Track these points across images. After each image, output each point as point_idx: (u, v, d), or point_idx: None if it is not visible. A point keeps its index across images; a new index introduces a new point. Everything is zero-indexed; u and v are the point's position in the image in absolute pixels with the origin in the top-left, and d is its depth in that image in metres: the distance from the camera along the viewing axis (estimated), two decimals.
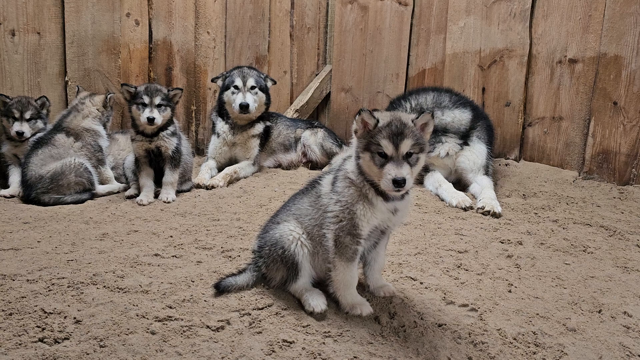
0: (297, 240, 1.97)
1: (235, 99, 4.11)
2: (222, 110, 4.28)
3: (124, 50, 4.27)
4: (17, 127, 3.62)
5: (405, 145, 1.76)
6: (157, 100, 3.36)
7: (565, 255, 2.62)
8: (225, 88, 4.20)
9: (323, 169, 4.32)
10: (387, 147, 1.75)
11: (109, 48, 4.19)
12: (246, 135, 4.25)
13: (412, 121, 1.80)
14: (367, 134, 1.80)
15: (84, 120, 3.62)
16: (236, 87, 4.13)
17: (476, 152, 3.81)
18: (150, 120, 3.33)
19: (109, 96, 3.71)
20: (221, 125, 4.27)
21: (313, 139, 4.54)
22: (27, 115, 3.65)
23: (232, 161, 4.26)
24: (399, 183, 1.72)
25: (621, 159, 3.80)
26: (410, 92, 4.13)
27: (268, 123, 4.42)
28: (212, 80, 4.38)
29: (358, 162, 1.84)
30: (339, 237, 1.87)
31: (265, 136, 4.40)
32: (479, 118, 3.92)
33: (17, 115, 3.63)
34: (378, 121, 1.79)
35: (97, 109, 3.69)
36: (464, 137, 3.85)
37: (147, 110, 3.34)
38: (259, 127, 4.32)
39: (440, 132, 3.84)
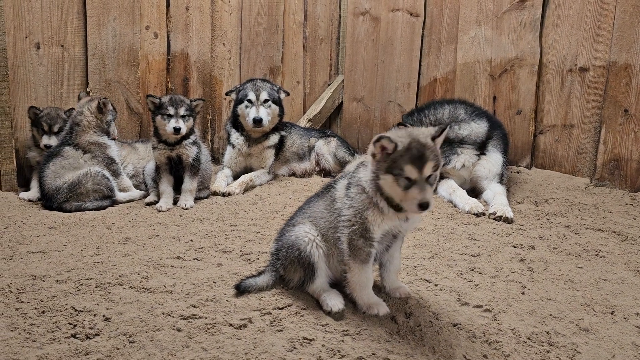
0: (313, 242, 2.03)
1: (248, 113, 4.20)
2: (236, 122, 4.37)
3: (143, 61, 4.40)
4: (45, 140, 3.75)
5: (428, 168, 1.78)
6: (182, 111, 3.48)
7: (577, 259, 2.66)
8: (239, 102, 4.30)
9: (337, 176, 4.39)
10: (412, 171, 1.77)
11: (128, 60, 4.32)
12: (261, 147, 4.34)
13: (432, 140, 1.81)
14: (387, 157, 1.81)
15: (86, 135, 3.63)
16: (249, 101, 4.22)
17: (492, 161, 3.85)
18: (177, 130, 3.44)
19: (101, 101, 3.67)
20: (236, 137, 4.36)
21: (326, 148, 4.62)
22: (56, 128, 3.77)
23: (248, 170, 4.35)
24: (424, 206, 1.76)
25: (633, 165, 3.83)
26: (427, 106, 4.12)
27: (282, 133, 4.50)
28: (226, 94, 4.49)
29: (377, 182, 1.86)
30: (352, 239, 1.93)
31: (279, 146, 4.48)
32: (494, 128, 3.96)
33: (45, 128, 3.75)
34: (397, 145, 1.79)
35: (95, 116, 3.66)
36: (481, 148, 3.89)
37: (172, 120, 3.45)
38: (274, 138, 4.40)
39: (456, 144, 3.88)
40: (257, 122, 4.16)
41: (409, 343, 1.81)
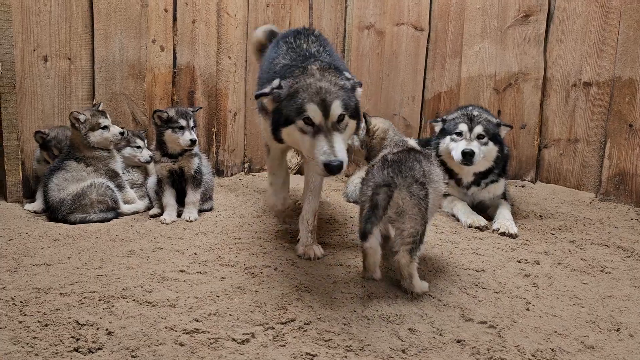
0: None
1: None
2: None
3: (149, 74, 4.43)
4: None
5: None
6: (191, 122, 3.54)
7: (582, 275, 2.64)
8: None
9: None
10: None
11: (135, 73, 4.36)
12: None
13: None
14: None
15: (80, 151, 3.62)
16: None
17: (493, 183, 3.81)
18: (193, 142, 3.47)
19: (71, 117, 3.57)
20: None
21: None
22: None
23: None
24: None
25: (638, 180, 3.82)
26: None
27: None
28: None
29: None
30: None
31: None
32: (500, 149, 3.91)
33: (56, 153, 3.74)
34: None
35: (72, 134, 3.61)
36: None
37: (186, 132, 3.48)
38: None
39: None
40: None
41: (413, 359, 1.80)
